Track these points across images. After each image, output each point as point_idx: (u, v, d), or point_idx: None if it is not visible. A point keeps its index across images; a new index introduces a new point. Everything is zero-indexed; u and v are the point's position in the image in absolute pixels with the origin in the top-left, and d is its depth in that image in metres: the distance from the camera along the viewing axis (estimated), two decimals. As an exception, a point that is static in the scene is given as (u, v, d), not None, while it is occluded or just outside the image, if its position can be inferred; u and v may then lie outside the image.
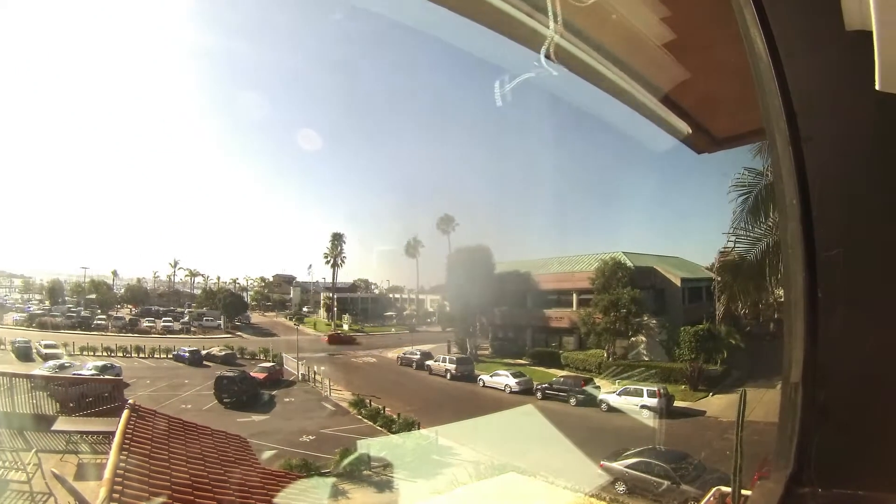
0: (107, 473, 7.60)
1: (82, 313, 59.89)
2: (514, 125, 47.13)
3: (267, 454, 19.26)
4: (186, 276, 77.55)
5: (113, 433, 9.71)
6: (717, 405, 26.13)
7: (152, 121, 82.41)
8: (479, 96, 55.75)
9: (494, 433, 21.88)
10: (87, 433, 12.67)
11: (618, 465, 16.82)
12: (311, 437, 23.90)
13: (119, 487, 7.24)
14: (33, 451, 10.71)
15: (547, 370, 35.83)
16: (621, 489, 16.12)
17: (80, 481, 9.41)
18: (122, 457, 8.31)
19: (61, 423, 13.22)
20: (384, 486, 18.90)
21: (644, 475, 16.23)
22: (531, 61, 2.24)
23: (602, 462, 17.10)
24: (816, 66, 1.37)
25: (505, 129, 54.97)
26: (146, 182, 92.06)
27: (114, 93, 77.42)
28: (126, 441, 9.16)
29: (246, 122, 75.07)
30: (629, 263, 35.72)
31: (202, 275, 77.97)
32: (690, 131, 2.80)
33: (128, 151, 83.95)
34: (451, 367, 36.82)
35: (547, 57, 2.19)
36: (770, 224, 20.35)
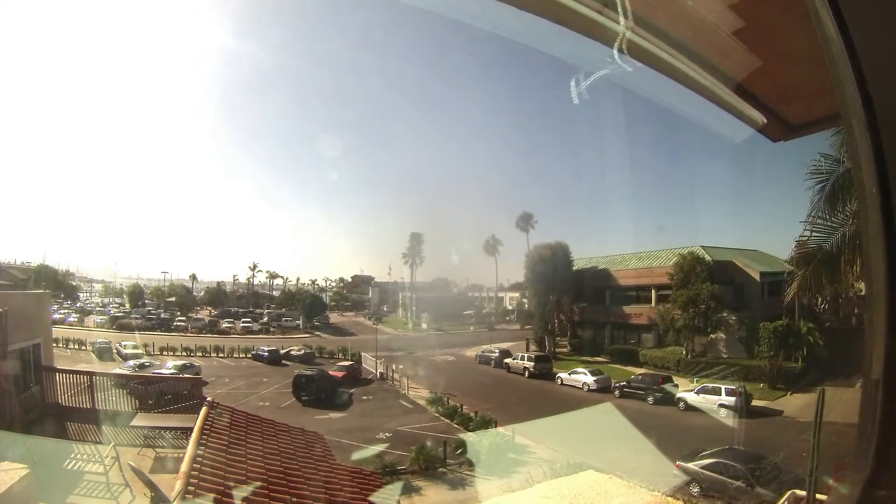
0: (183, 467, 8.27)
1: (162, 315, 67.62)
2: (587, 121, 50.53)
3: (343, 451, 20.57)
4: (266, 278, 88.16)
5: (190, 429, 10.75)
6: (796, 404, 27.78)
7: (232, 130, 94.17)
8: (551, 94, 64.94)
9: (571, 431, 23.35)
10: (165, 428, 13.96)
11: (693, 466, 17.94)
12: (387, 434, 25.72)
13: (195, 480, 7.87)
14: (111, 444, 12.00)
15: (625, 368, 38.23)
16: (696, 490, 17.23)
17: (157, 474, 10.29)
18: (199, 451, 9.12)
19: (140, 419, 14.64)
20: (458, 483, 20.47)
21: (719, 476, 17.18)
22: (604, 57, 2.57)
23: (678, 462, 18.25)
24: (892, 47, 1.42)
25: (579, 125, 60.44)
26: (224, 189, 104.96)
27: (189, 102, 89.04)
28: (203, 436, 10.09)
29: (324, 124, 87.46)
30: (707, 258, 38.04)
31: (281, 277, 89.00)
32: (765, 120, 3.06)
33: (208, 161, 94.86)
34: (530, 364, 39.57)
35: (620, 51, 2.48)
36: (848, 213, 21.32)
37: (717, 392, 28.11)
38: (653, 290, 41.72)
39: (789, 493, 6.79)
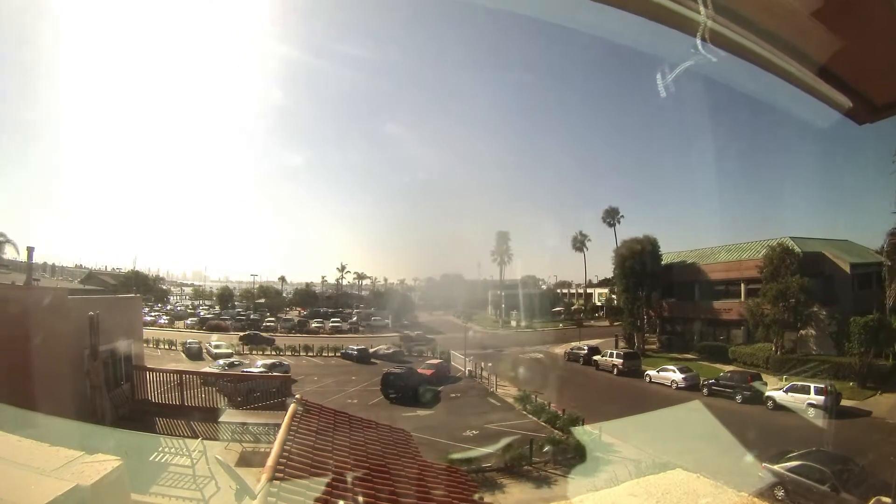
0: (269, 461, 8.36)
1: (252, 316, 72.03)
2: (671, 112, 53.26)
3: (429, 448, 21.27)
4: (354, 278, 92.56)
5: (278, 425, 11.07)
6: (885, 405, 27.94)
7: (314, 133, 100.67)
8: (634, 87, 67.37)
9: (658, 430, 23.96)
10: (253, 424, 14.65)
11: (779, 468, 18.13)
12: (474, 431, 26.80)
13: (280, 475, 7.94)
14: (199, 439, 12.90)
15: (714, 365, 38.96)
16: (780, 494, 17.47)
17: (243, 467, 10.66)
18: (285, 446, 9.29)
19: (228, 415, 15.52)
20: (543, 481, 21.01)
21: (805, 480, 17.35)
22: (686, 47, 2.69)
23: (764, 464, 18.44)
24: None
25: (662, 117, 63.17)
26: (311, 193, 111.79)
27: (267, 107, 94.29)
28: (291, 432, 10.23)
29: (405, 123, 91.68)
30: (797, 249, 38.48)
31: (369, 277, 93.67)
32: (850, 103, 3.09)
33: (293, 165, 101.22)
34: (618, 362, 40.78)
35: (702, 40, 2.62)
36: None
37: (805, 391, 28.35)
38: (742, 284, 42.31)
39: (874, 499, 6.39)
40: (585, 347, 45.62)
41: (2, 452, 1.48)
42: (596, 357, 42.99)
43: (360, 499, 8.20)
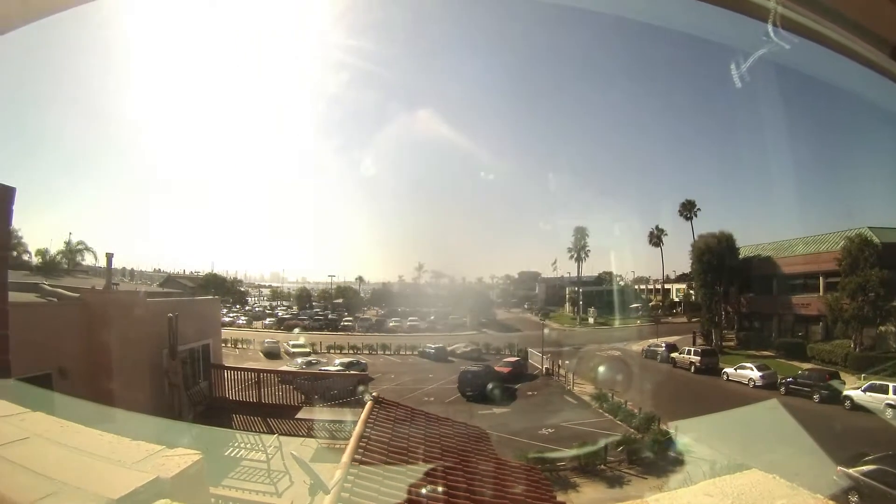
0: (344, 457, 8.90)
1: (329, 316, 75.84)
2: (744, 102, 52.91)
3: (505, 446, 21.97)
4: (432, 277, 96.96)
5: (354, 422, 11.77)
6: None
7: (397, 137, 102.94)
8: (705, 77, 69.78)
9: (734, 430, 24.04)
10: (330, 421, 15.36)
11: (854, 472, 17.91)
12: (550, 430, 27.61)
13: (355, 470, 8.46)
14: (275, 435, 13.32)
15: (792, 363, 39.24)
16: (854, 499, 17.20)
17: (318, 463, 10.83)
18: (361, 443, 9.83)
19: (305, 413, 16.43)
20: (616, 481, 21.62)
21: (879, 485, 16.95)
22: (758, 35, 2.73)
23: (839, 467, 18.28)
24: None
25: (736, 107, 62.75)
26: (387, 195, 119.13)
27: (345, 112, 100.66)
28: (367, 429, 10.88)
29: (486, 121, 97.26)
30: (876, 240, 37.80)
31: (447, 276, 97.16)
32: None
33: (368, 169, 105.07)
34: (696, 359, 41.47)
35: (773, 25, 2.66)
36: None
37: (884, 390, 27.86)
38: (820, 278, 42.54)
39: None
40: (663, 345, 46.50)
41: (86, 446, 1.70)
42: (673, 354, 43.81)
43: (435, 495, 8.37)
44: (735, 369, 37.26)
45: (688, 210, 62.74)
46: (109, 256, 18.17)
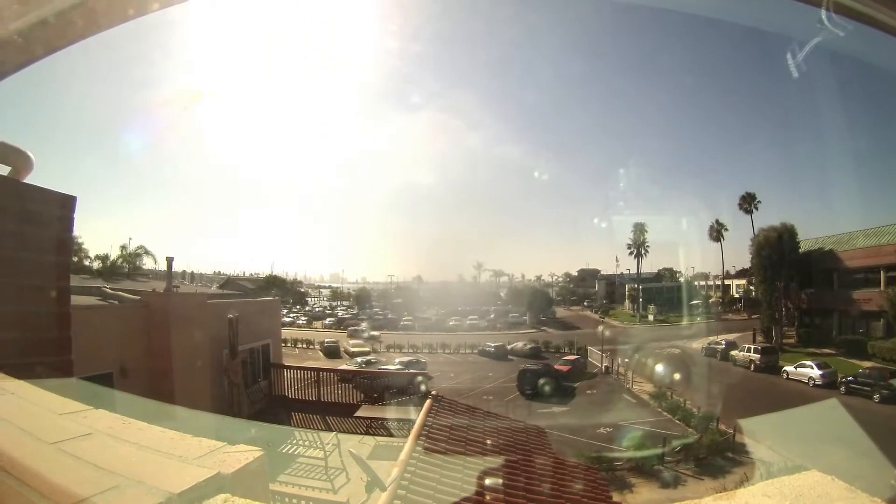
0: (402, 455, 9.22)
1: (389, 315, 77.47)
2: (800, 91, 53.83)
3: (562, 444, 22.15)
4: (491, 276, 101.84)
5: (412, 420, 12.24)
6: None
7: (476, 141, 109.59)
8: (761, 68, 69.82)
9: (792, 430, 23.53)
10: (388, 420, 15.68)
11: None
12: (608, 429, 27.81)
13: (412, 468, 8.75)
14: (333, 433, 13.94)
15: (852, 361, 38.51)
16: None
17: (376, 460, 11.15)
18: (419, 441, 10.17)
19: (363, 411, 16.81)
20: (672, 482, 21.67)
21: None
22: (812, 22, 2.72)
23: None
24: None
25: (792, 96, 64.70)
26: (446, 196, 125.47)
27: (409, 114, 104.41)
28: (425, 427, 11.27)
29: (544, 123, 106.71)
30: None
31: (507, 274, 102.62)
32: None
33: (428, 170, 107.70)
34: (755, 357, 41.22)
35: (827, 10, 2.60)
36: None
37: None
38: (881, 272, 41.59)
39: None
40: (723, 342, 46.61)
41: (147, 442, 1.81)
42: (733, 352, 43.66)
43: (493, 492, 8.51)
44: (795, 367, 37.06)
45: (748, 203, 61.86)
46: (170, 260, 18.96)
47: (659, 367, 39.60)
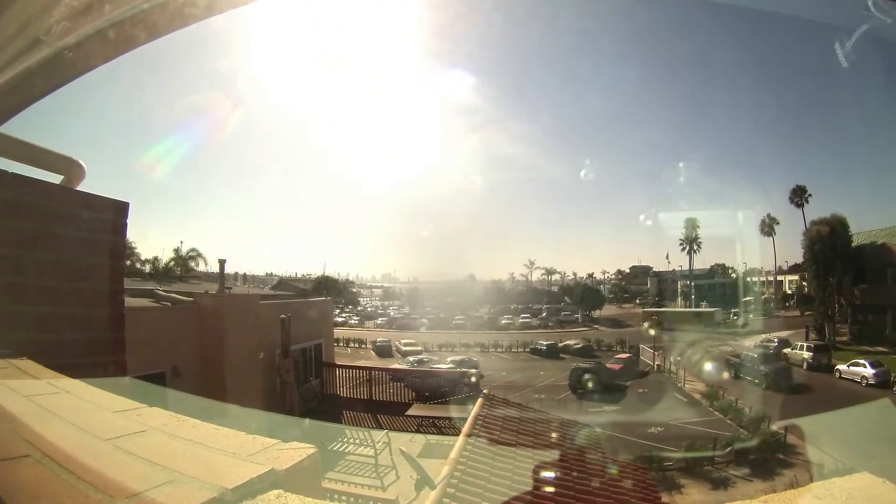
0: (452, 454, 9.12)
1: (441, 315, 77.90)
2: (850, 82, 47.71)
3: (613, 444, 21.91)
4: (542, 274, 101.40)
5: (463, 419, 12.04)
6: None
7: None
8: (808, 59, 67.82)
9: (843, 431, 22.50)
10: (439, 418, 16.08)
11: None
12: (658, 428, 27.63)
13: (462, 467, 8.66)
14: (384, 431, 14.02)
15: None
16: None
17: (426, 459, 11.42)
18: (469, 440, 10.08)
19: (415, 410, 16.96)
20: (721, 483, 21.62)
21: None
22: (859, 10, 2.70)
23: None
24: None
25: (841, 85, 58.74)
26: (496, 195, 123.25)
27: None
28: (476, 427, 11.11)
29: (595, 119, 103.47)
30: None
31: (558, 272, 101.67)
32: None
33: (485, 171, 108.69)
34: (808, 355, 40.60)
35: None
36: None
37: None
38: None
39: None
40: (776, 340, 45.85)
41: (201, 439, 1.87)
42: (785, 350, 42.94)
43: (543, 493, 8.43)
44: (847, 366, 36.20)
45: (799, 196, 61.01)
46: (222, 262, 19.55)
47: (710, 366, 39.59)
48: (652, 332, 49.29)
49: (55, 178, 4.02)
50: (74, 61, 2.78)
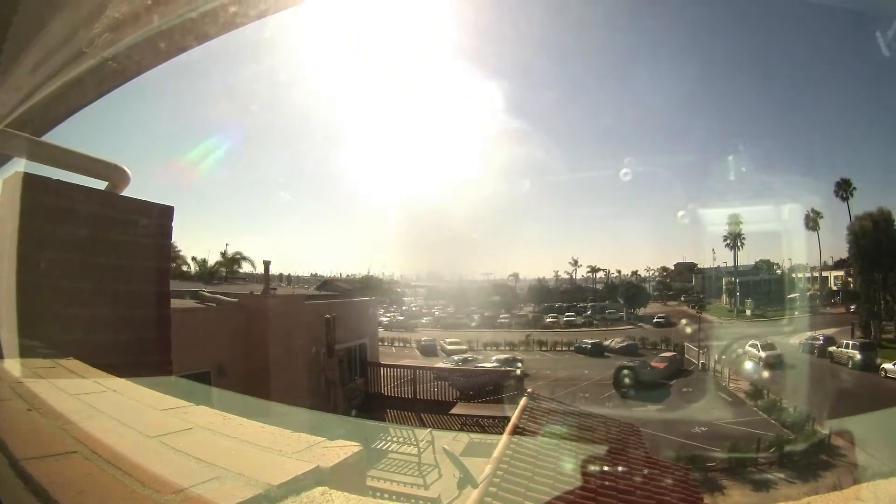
0: (495, 452, 9.27)
1: (485, 313, 77.97)
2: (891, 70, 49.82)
3: (656, 443, 22.13)
4: (587, 272, 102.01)
5: (507, 418, 12.34)
6: None
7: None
8: (851, 50, 66.60)
9: (889, 432, 22.35)
10: (483, 417, 16.27)
11: None
12: (703, 428, 27.43)
13: (505, 466, 8.78)
14: (428, 430, 14.20)
15: None
16: None
17: (469, 457, 11.37)
18: (513, 439, 10.23)
19: (459, 408, 17.06)
20: (763, 484, 21.33)
21: None
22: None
23: None
24: None
25: (887, 77, 58.40)
26: (543, 194, 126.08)
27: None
28: (519, 425, 11.32)
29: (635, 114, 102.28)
30: None
31: (602, 270, 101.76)
32: None
33: (528, 170, 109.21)
34: (853, 353, 39.74)
35: None
36: None
37: None
38: None
39: None
40: (821, 338, 45.08)
41: (247, 436, 1.91)
42: (830, 348, 42.38)
43: (584, 492, 8.43)
44: (893, 365, 35.51)
45: (843, 190, 59.42)
46: (267, 263, 19.85)
47: (755, 365, 39.61)
48: (689, 330, 49.46)
49: (100, 185, 4.15)
50: (117, 71, 2.87)
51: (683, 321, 56.36)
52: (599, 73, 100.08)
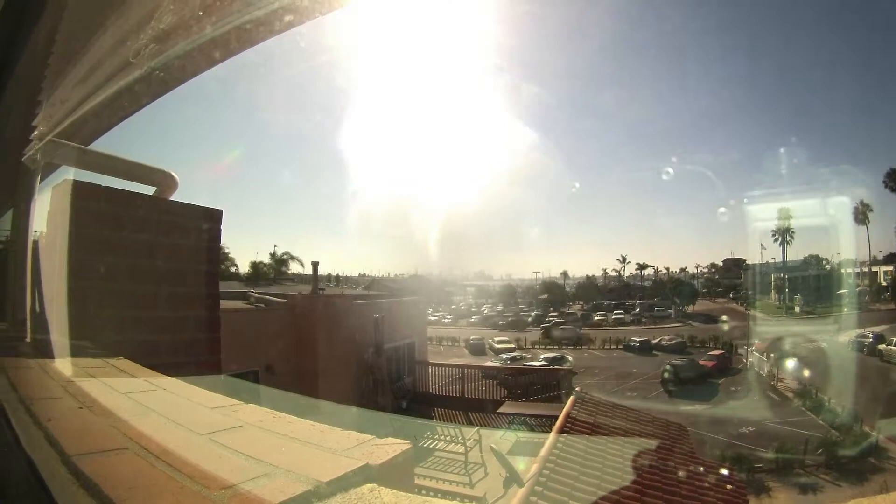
0: (542, 451, 9.29)
1: (534, 312, 77.81)
2: None
3: (703, 443, 22.34)
4: (635, 270, 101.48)
5: (555, 416, 12.31)
6: None
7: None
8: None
9: None
10: (531, 416, 15.96)
11: None
12: (750, 428, 27.06)
13: (551, 465, 8.80)
14: (476, 428, 14.21)
15: None
16: None
17: (516, 456, 11.20)
18: (560, 438, 10.24)
19: (507, 407, 16.98)
20: (810, 487, 21.07)
21: None
22: None
23: None
24: None
25: None
26: (591, 192, 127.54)
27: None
28: (567, 424, 11.36)
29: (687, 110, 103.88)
30: None
31: (652, 267, 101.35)
32: None
33: (577, 168, 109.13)
34: None
35: None
36: None
37: None
38: None
39: None
40: (871, 335, 43.88)
41: (297, 434, 1.94)
42: (880, 346, 41.26)
43: (630, 492, 8.44)
44: None
45: (893, 180, 56.92)
46: (315, 264, 20.18)
47: (804, 364, 38.47)
48: (737, 327, 48.68)
49: (148, 190, 4.28)
50: (164, 80, 2.94)
51: (731, 319, 55.75)
52: (647, 74, 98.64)
